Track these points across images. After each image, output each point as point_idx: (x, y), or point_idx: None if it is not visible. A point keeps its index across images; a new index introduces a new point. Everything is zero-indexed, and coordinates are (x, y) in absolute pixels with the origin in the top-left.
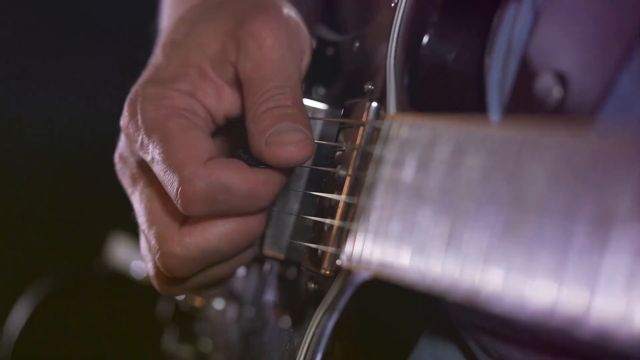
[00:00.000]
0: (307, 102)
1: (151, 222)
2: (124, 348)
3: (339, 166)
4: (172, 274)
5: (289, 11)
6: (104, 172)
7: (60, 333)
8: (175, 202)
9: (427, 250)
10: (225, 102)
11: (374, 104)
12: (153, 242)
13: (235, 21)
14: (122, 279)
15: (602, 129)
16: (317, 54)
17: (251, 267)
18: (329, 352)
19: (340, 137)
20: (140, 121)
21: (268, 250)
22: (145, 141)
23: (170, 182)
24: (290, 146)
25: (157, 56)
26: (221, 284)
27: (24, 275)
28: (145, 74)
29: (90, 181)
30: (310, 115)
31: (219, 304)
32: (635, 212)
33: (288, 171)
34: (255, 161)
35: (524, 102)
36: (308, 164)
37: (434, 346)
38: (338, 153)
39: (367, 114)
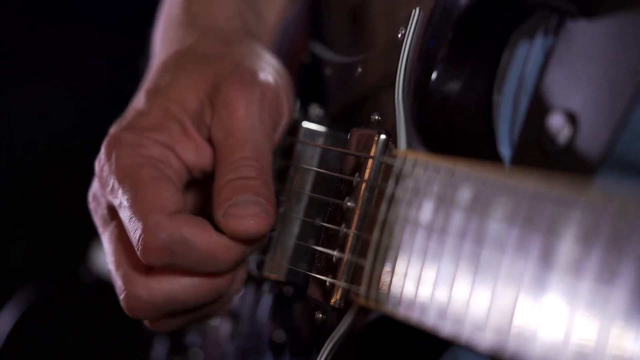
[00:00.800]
0: (307, 124)
1: (119, 264)
2: (113, 356)
3: (347, 198)
4: (134, 316)
5: (268, 76)
6: (87, 178)
7: (46, 343)
8: (136, 249)
9: (450, 294)
10: (203, 158)
11: (383, 137)
12: (119, 282)
13: (213, 84)
14: (108, 287)
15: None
16: (314, 72)
17: (249, 284)
18: None
19: (346, 165)
20: (113, 166)
21: (268, 273)
22: (116, 186)
23: (134, 229)
24: (246, 220)
25: (139, 101)
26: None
27: (7, 285)
28: (126, 118)
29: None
30: (309, 137)
31: (214, 319)
32: None
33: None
34: None
35: (535, 140)
36: (308, 189)
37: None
38: (344, 183)
39: (376, 147)
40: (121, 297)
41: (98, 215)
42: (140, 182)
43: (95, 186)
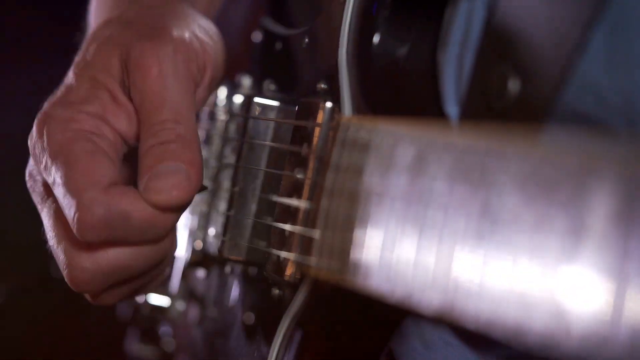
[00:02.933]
0: (258, 100)
1: (59, 239)
2: (86, 351)
3: (296, 169)
4: (80, 290)
5: (182, 32)
6: None
7: (19, 340)
8: (72, 227)
9: (395, 257)
10: (136, 125)
11: (329, 104)
12: (62, 257)
13: (126, 47)
14: None
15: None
16: (265, 48)
17: (211, 268)
18: (299, 358)
19: (295, 137)
20: (45, 143)
21: (227, 254)
22: (49, 163)
23: (69, 207)
24: (166, 193)
25: (69, 75)
26: (139, 294)
27: None
28: (56, 94)
29: None
30: (262, 112)
31: (180, 305)
32: (609, 225)
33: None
34: None
35: (481, 96)
36: (263, 164)
37: (420, 326)
38: (294, 155)
39: (323, 115)
40: (65, 271)
41: (35, 193)
42: (73, 157)
43: (30, 164)
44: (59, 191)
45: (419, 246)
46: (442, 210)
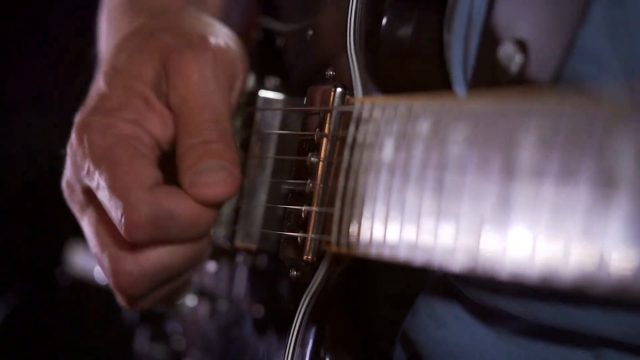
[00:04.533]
0: (264, 93)
1: (103, 246)
2: (96, 353)
3: (310, 154)
4: (127, 293)
5: (218, 39)
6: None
7: (26, 347)
8: (119, 228)
9: (417, 226)
10: (169, 129)
11: (339, 89)
12: (106, 264)
13: (165, 55)
14: (86, 286)
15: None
16: (267, 46)
17: (221, 261)
18: (321, 336)
19: (307, 124)
20: (87, 149)
21: (240, 243)
22: (91, 169)
23: (115, 208)
24: (213, 187)
25: (99, 84)
26: (171, 300)
27: None
28: (90, 103)
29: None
30: (265, 105)
31: (191, 300)
32: (636, 172)
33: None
34: None
35: (488, 73)
36: (273, 154)
37: (432, 306)
38: (306, 141)
39: (333, 100)
40: (110, 278)
41: (74, 202)
42: (116, 161)
43: (68, 173)
44: (104, 194)
45: (441, 212)
46: (461, 175)
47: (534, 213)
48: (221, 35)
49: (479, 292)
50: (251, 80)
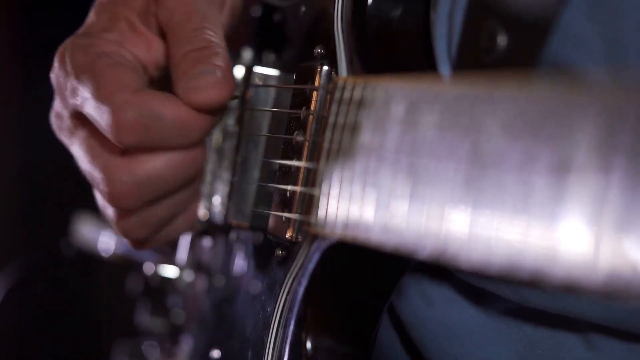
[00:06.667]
0: (259, 69)
1: (93, 158)
2: (98, 326)
3: (296, 132)
4: (120, 205)
5: None
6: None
7: (33, 317)
8: (108, 134)
9: (390, 209)
10: (155, 53)
11: (326, 67)
12: (98, 175)
13: None
14: (90, 258)
15: (551, 78)
16: (265, 21)
17: (217, 237)
18: (302, 317)
19: (295, 102)
20: (69, 67)
21: (232, 219)
22: (75, 84)
23: (102, 114)
24: (206, 90)
25: (89, 16)
26: (169, 236)
27: None
28: (77, 31)
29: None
30: (262, 82)
31: (188, 276)
32: (592, 160)
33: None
34: None
35: (472, 53)
36: (265, 132)
37: (421, 283)
38: (294, 119)
39: (320, 78)
40: (103, 187)
41: (63, 130)
42: (99, 71)
43: (55, 103)
44: (90, 105)
45: (412, 196)
46: (433, 159)
47: (497, 201)
48: None
49: (468, 274)
50: (248, 55)
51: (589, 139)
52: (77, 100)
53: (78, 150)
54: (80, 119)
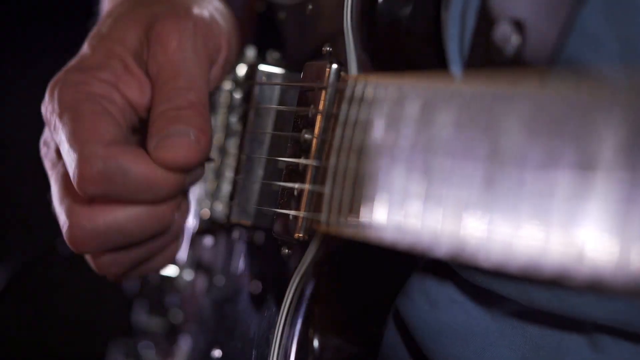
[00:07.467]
0: (263, 67)
1: (62, 197)
2: (94, 325)
3: (304, 130)
4: (78, 249)
5: (202, 10)
6: None
7: (28, 316)
8: (72, 180)
9: (404, 208)
10: (147, 96)
11: (335, 66)
12: (62, 216)
13: (148, 22)
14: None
15: (570, 76)
16: (269, 19)
17: (219, 236)
18: (309, 316)
19: (302, 100)
20: (56, 105)
21: (235, 218)
22: (57, 123)
23: (71, 161)
24: (174, 150)
25: (84, 47)
26: (146, 272)
27: None
28: (71, 63)
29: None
30: (266, 79)
31: (188, 274)
32: (617, 158)
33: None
34: None
35: (484, 53)
36: (270, 130)
37: (425, 285)
38: (301, 117)
39: (328, 76)
40: (64, 230)
41: (47, 160)
42: (79, 115)
43: (45, 131)
44: (64, 148)
45: (428, 195)
46: (449, 158)
47: (518, 199)
48: (207, 7)
49: (474, 274)
50: (251, 54)
51: (615, 137)
52: (57, 138)
53: (53, 185)
54: (60, 155)
